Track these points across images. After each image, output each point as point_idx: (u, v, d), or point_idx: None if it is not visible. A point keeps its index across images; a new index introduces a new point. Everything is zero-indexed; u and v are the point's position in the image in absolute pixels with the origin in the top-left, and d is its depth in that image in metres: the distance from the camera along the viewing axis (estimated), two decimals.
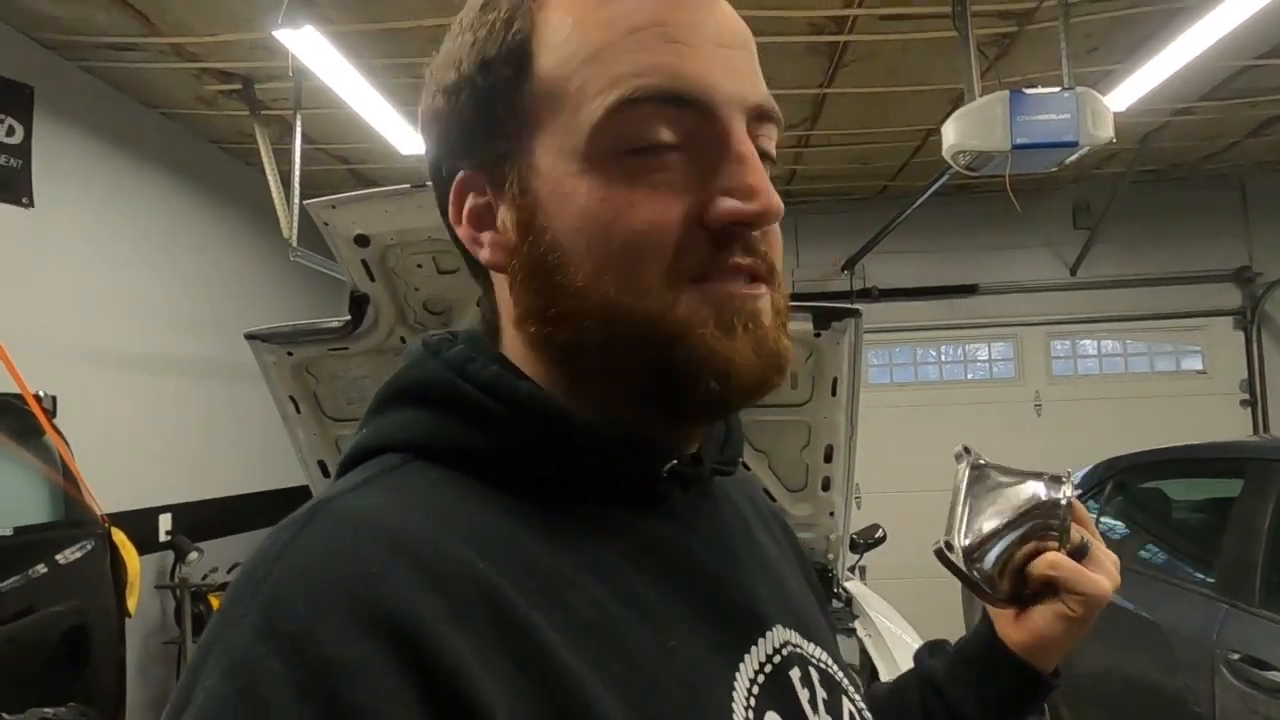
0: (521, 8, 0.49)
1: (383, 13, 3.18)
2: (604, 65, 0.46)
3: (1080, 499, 2.98)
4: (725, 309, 0.47)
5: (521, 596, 0.41)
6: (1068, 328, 5.91)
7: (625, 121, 0.45)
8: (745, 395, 0.48)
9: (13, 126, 3.33)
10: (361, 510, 0.43)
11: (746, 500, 0.69)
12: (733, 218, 0.46)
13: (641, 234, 0.46)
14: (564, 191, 0.47)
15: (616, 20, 0.47)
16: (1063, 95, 2.57)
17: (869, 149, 4.92)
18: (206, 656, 0.38)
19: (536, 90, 0.48)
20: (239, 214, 4.79)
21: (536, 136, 0.48)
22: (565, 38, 0.47)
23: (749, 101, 0.48)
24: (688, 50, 0.46)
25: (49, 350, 3.40)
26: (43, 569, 2.90)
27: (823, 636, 0.61)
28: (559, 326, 0.48)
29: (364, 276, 1.81)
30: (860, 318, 1.83)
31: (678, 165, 0.46)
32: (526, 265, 0.49)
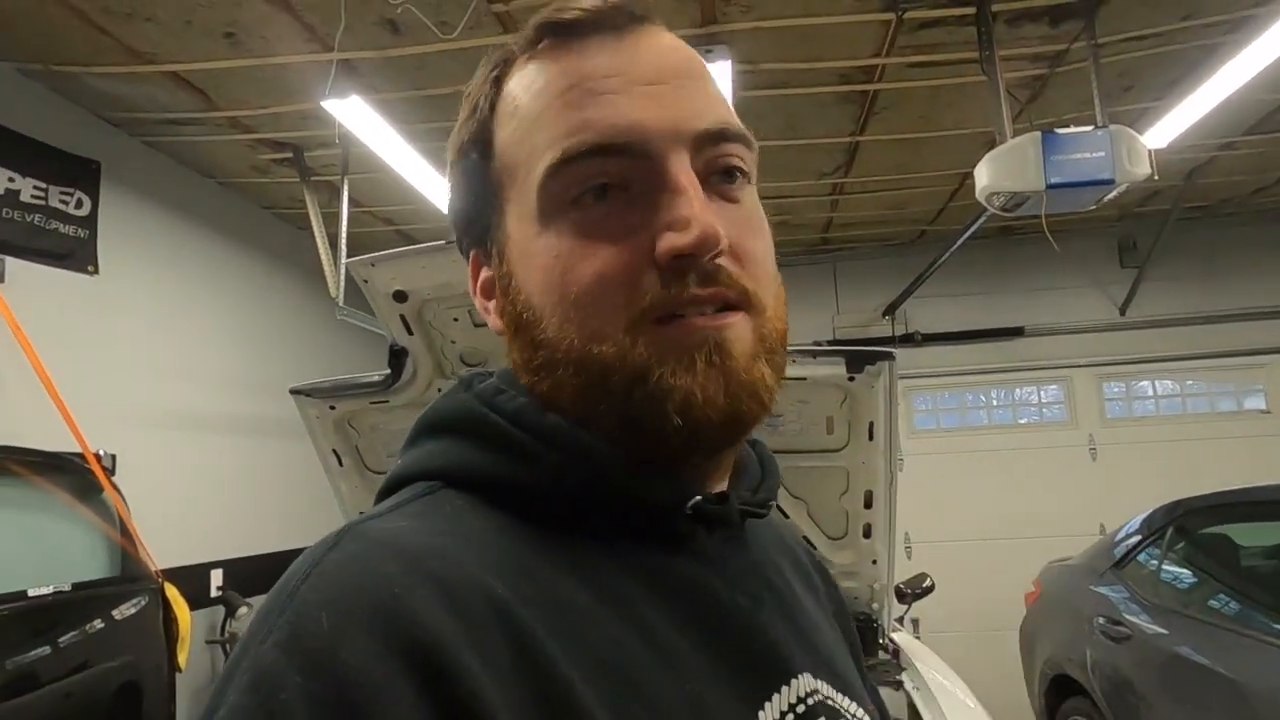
0: (484, 93, 0.54)
1: (425, 80, 3.32)
2: (541, 131, 0.49)
3: (1139, 545, 2.85)
4: (684, 344, 0.47)
5: (541, 627, 0.42)
6: (1120, 369, 5.75)
7: (563, 180, 0.48)
8: (717, 428, 0.47)
9: (81, 199, 3.53)
10: (387, 534, 0.44)
11: (785, 549, 0.68)
12: (671, 252, 0.46)
13: (592, 284, 0.47)
14: (529, 253, 0.51)
15: (547, 87, 0.50)
16: (1096, 134, 2.56)
17: (905, 194, 4.92)
18: (234, 671, 0.39)
19: (498, 165, 0.53)
20: (290, 276, 4.97)
21: (505, 207, 0.53)
22: (511, 112, 0.52)
23: (689, 130, 0.48)
24: (613, 99, 0.48)
25: (110, 410, 3.53)
26: (99, 624, 2.96)
27: (858, 692, 0.59)
28: (541, 377, 0.51)
29: (403, 331, 1.86)
30: (894, 360, 1.81)
31: (622, 210, 0.48)
32: (512, 325, 0.53)
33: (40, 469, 2.98)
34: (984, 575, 5.34)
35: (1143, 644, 3.18)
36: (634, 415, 0.47)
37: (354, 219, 4.24)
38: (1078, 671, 3.49)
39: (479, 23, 2.90)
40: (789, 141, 4.03)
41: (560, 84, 0.49)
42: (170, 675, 3.25)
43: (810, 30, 3.05)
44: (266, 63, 3.14)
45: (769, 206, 3.23)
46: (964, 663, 4.46)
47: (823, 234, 5.73)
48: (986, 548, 5.53)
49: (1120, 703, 3.20)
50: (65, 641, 2.82)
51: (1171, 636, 3.08)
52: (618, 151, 0.48)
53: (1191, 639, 2.98)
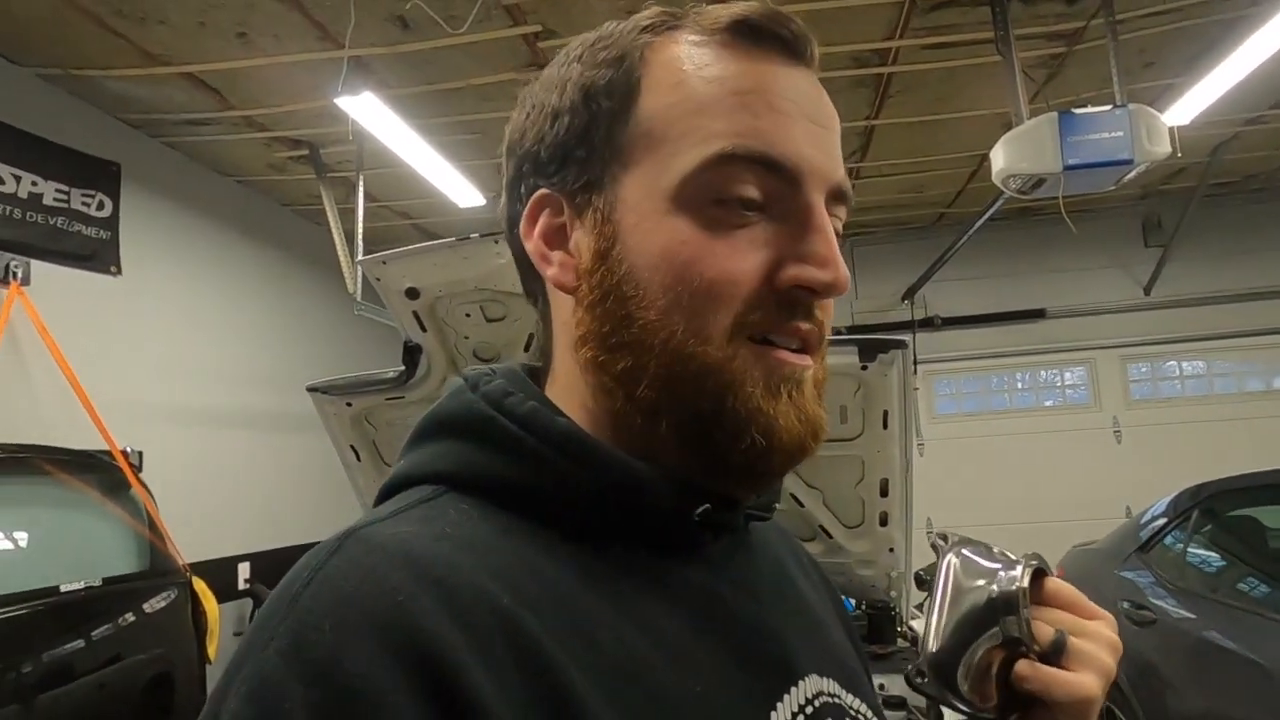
0: (634, 49, 0.51)
1: (436, 75, 3.32)
2: (707, 119, 0.48)
3: (1165, 528, 2.79)
4: (774, 373, 0.48)
5: (545, 632, 0.42)
6: (1145, 349, 5.67)
7: (718, 175, 0.48)
8: (785, 456, 0.49)
9: (102, 201, 3.59)
10: (390, 540, 0.43)
11: (787, 548, 0.68)
12: (805, 283, 0.48)
13: (716, 283, 0.47)
14: (647, 228, 0.49)
15: (725, 80, 0.49)
16: (1114, 113, 2.51)
17: (922, 177, 4.87)
18: (233, 678, 0.39)
19: (637, 128, 0.50)
20: (309, 272, 5.02)
21: (629, 171, 0.50)
22: (673, 84, 0.50)
23: (832, 180, 0.50)
24: (785, 120, 0.49)
25: (135, 408, 3.60)
26: (131, 618, 3.03)
27: (864, 689, 0.60)
28: (619, 354, 0.49)
29: (415, 327, 1.87)
30: (907, 349, 1.79)
31: (759, 224, 0.48)
32: (597, 290, 0.50)
33: (70, 467, 3.04)
34: None
35: (1168, 628, 3.15)
36: (715, 423, 0.48)
37: (371, 214, 4.27)
38: None
39: (488, 16, 2.90)
40: None
41: (740, 83, 0.49)
42: (200, 667, 3.31)
43: (821, 13, 3.02)
44: (279, 61, 3.16)
45: None
46: None
47: None
48: (1010, 532, 5.49)
49: (1145, 687, 3.17)
50: (98, 635, 2.88)
51: (1198, 621, 3.05)
52: (779, 171, 0.48)
53: (1218, 623, 2.94)
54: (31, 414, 3.12)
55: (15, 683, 2.55)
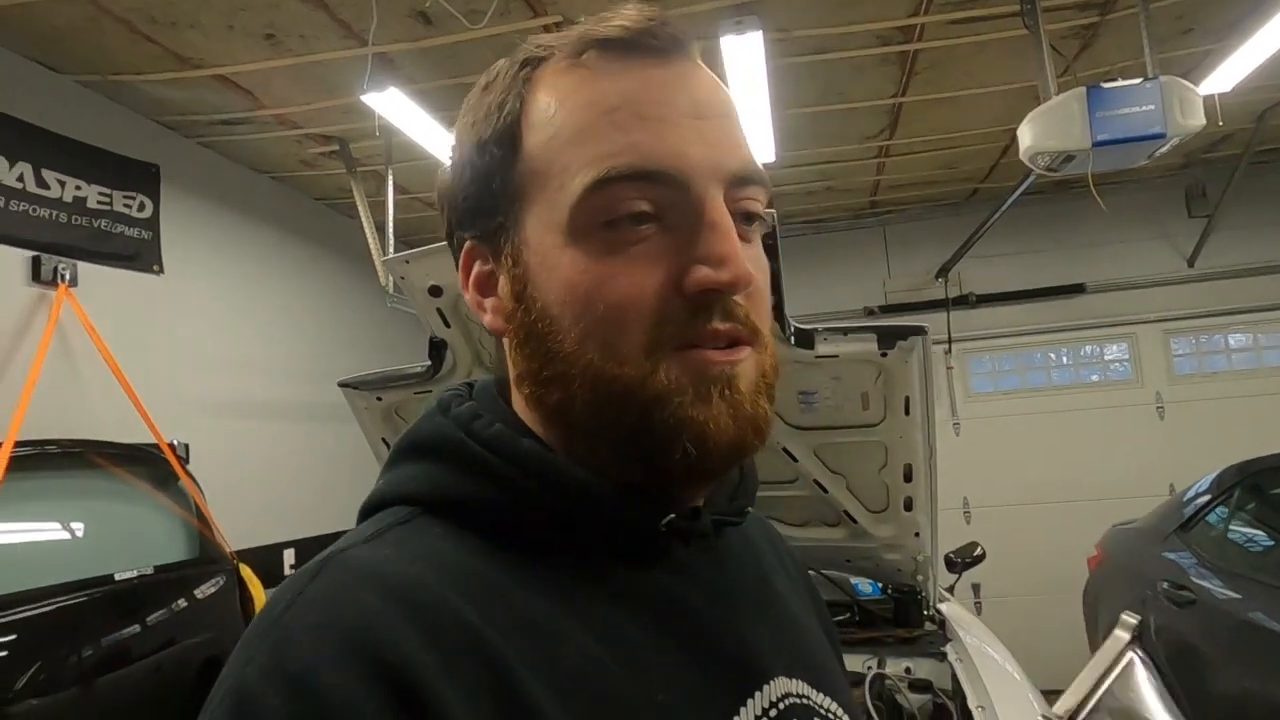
0: (513, 91, 0.52)
1: (458, 68, 3.35)
2: (582, 146, 0.49)
3: (1208, 505, 2.76)
4: (702, 377, 0.49)
5: (511, 650, 0.44)
6: (1189, 323, 5.52)
7: (602, 198, 0.48)
8: (723, 458, 0.50)
9: (144, 202, 3.69)
10: (366, 564, 0.46)
11: (767, 544, 0.70)
12: (704, 285, 0.48)
13: (620, 305, 0.48)
14: (550, 264, 0.50)
15: (595, 102, 0.50)
16: (1145, 86, 2.45)
17: (954, 153, 4.78)
18: (218, 692, 0.42)
19: (525, 168, 0.51)
20: (344, 265, 5.11)
21: (526, 211, 0.51)
22: (549, 119, 0.51)
23: (725, 169, 0.50)
24: (660, 126, 0.49)
25: (181, 402, 3.72)
26: (183, 603, 3.15)
27: (836, 686, 0.61)
28: (550, 389, 0.51)
29: (440, 324, 1.91)
30: (927, 335, 1.78)
31: (654, 237, 0.49)
32: (521, 331, 0.52)
33: (120, 460, 3.16)
34: (1046, 540, 5.24)
35: (1209, 608, 3.10)
36: (647, 438, 0.49)
37: (402, 205, 4.33)
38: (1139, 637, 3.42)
39: (508, 9, 2.91)
40: (829, 107, 3.95)
41: (607, 102, 0.49)
42: None
43: None
44: (306, 61, 3.22)
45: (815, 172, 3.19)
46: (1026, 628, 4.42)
47: (870, 197, 5.62)
48: (1049, 511, 5.42)
49: (1184, 668, 3.13)
50: (153, 620, 3.00)
51: (1240, 601, 2.99)
52: (661, 180, 0.48)
53: (1262, 603, 2.89)
54: (82, 410, 3.25)
55: (77, 666, 2.67)
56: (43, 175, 3.23)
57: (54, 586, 2.68)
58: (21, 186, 3.15)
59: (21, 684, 2.50)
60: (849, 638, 2.24)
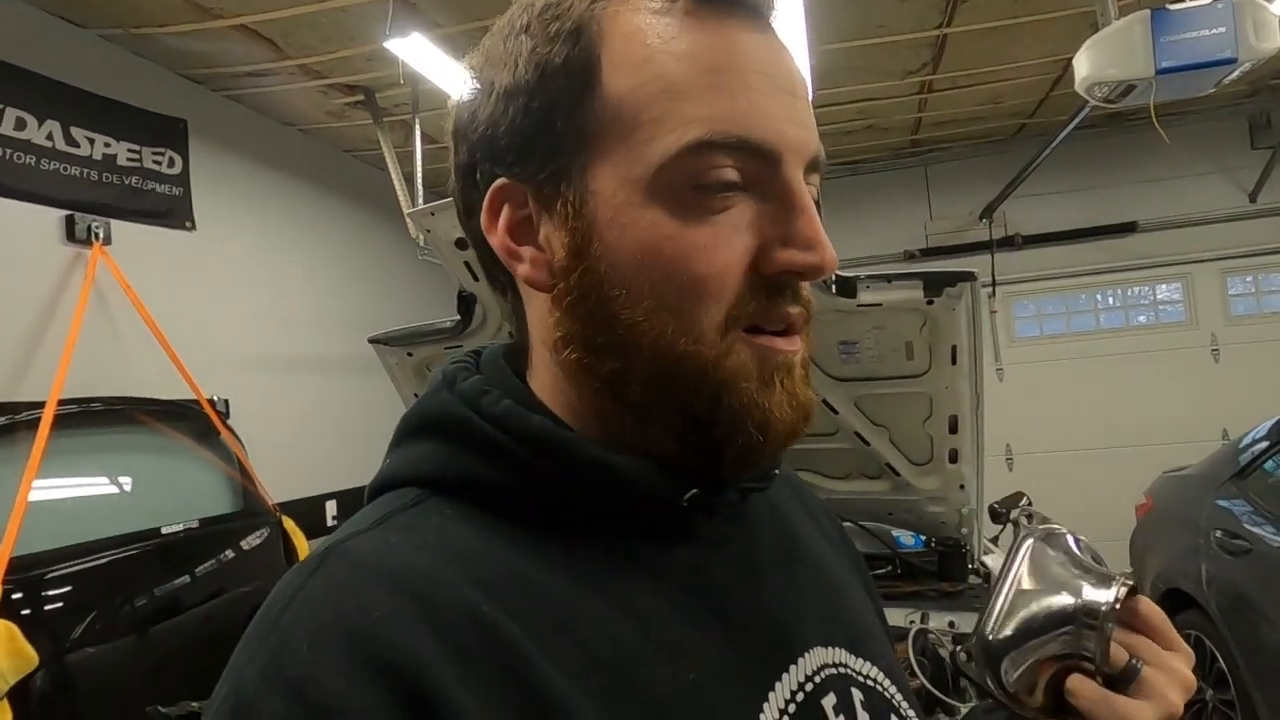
0: (590, 19, 0.47)
1: (484, 10, 3.25)
2: (682, 100, 0.45)
3: (1267, 452, 2.63)
4: (767, 363, 0.47)
5: (530, 637, 0.41)
6: (1248, 261, 5.28)
7: (697, 161, 0.45)
8: (779, 444, 0.49)
9: (173, 158, 3.68)
10: (370, 555, 0.43)
11: (799, 506, 0.65)
12: (793, 267, 0.46)
13: (706, 278, 0.45)
14: (625, 221, 0.46)
15: (694, 56, 0.46)
16: (1215, 6, 2.27)
17: (1000, 87, 4.56)
18: (218, 697, 0.40)
19: (603, 110, 0.46)
20: (374, 217, 5.09)
21: (598, 158, 0.46)
22: (639, 61, 0.46)
23: (808, 152, 0.48)
24: (760, 98, 0.46)
25: (219, 358, 3.76)
26: (230, 554, 3.23)
27: (875, 648, 0.58)
28: (604, 357, 0.47)
29: (468, 277, 1.87)
30: (976, 280, 1.70)
31: (741, 209, 0.46)
32: (576, 291, 0.47)
33: (162, 417, 3.22)
34: (1092, 487, 5.13)
35: (1265, 557, 3.01)
36: (713, 422, 0.47)
37: (431, 155, 4.27)
38: (1191, 585, 3.35)
39: None
40: (870, 41, 3.77)
41: (710, 58, 0.46)
42: None
43: None
44: (327, 7, 3.14)
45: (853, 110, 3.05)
46: None
47: (912, 135, 5.42)
48: (1095, 458, 5.30)
49: (1237, 618, 3.06)
50: (200, 571, 3.09)
51: None
52: (760, 154, 0.46)
53: None
54: (122, 368, 3.29)
55: (130, 616, 2.76)
56: (71, 133, 3.22)
57: (103, 540, 2.76)
58: (51, 145, 3.15)
59: (78, 634, 2.59)
60: (891, 591, 2.20)
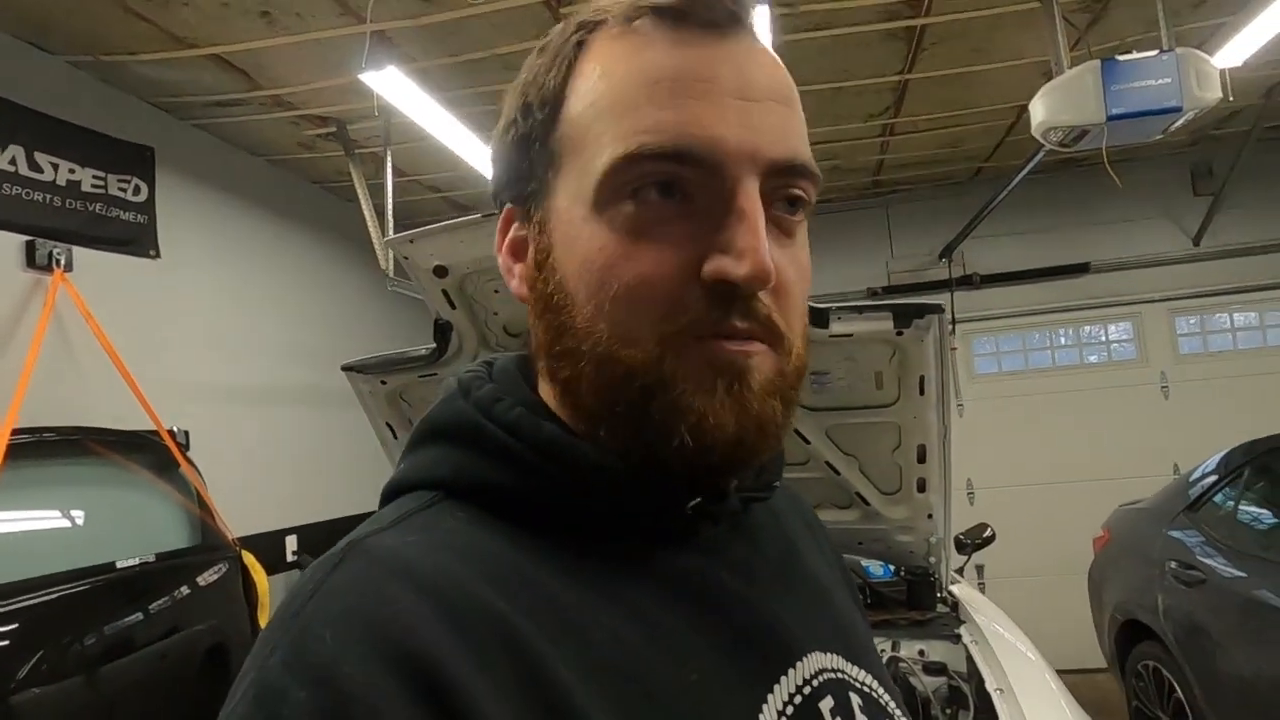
0: (563, 54, 0.51)
1: (459, 46, 3.29)
2: (617, 117, 0.47)
3: (1215, 485, 2.78)
4: (710, 366, 0.47)
5: (541, 636, 0.43)
6: (1194, 302, 5.49)
7: (629, 175, 0.46)
8: (721, 453, 0.47)
9: (139, 185, 3.64)
10: (389, 552, 0.45)
11: (797, 516, 0.68)
12: (719, 276, 0.46)
13: (635, 287, 0.46)
14: (572, 235, 0.49)
15: (637, 73, 0.48)
16: (1161, 58, 2.40)
17: (959, 131, 4.72)
18: (240, 685, 0.40)
19: (562, 135, 0.50)
20: (343, 249, 5.06)
21: (559, 179, 0.50)
22: (591, 86, 0.49)
23: (766, 156, 0.47)
24: (700, 105, 0.46)
25: (180, 388, 3.68)
26: (185, 591, 3.13)
27: (871, 659, 0.61)
28: (561, 363, 0.50)
29: (445, 305, 1.87)
30: (943, 314, 1.75)
31: (679, 219, 0.47)
32: (540, 301, 0.51)
33: (120, 447, 3.13)
34: (1051, 521, 5.23)
35: (1218, 588, 3.09)
36: (646, 424, 0.48)
37: (402, 188, 4.28)
38: (1148, 617, 3.42)
39: None
40: (835, 84, 3.89)
41: (650, 74, 0.47)
42: (253, 637, 3.41)
43: None
44: (303, 39, 3.15)
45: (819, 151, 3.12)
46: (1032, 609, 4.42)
47: (874, 177, 5.57)
48: (1053, 492, 5.41)
49: (1194, 648, 3.13)
50: (155, 608, 2.98)
51: (1249, 580, 2.99)
52: (691, 162, 0.46)
53: (1270, 582, 2.88)
54: (80, 397, 3.21)
55: (79, 655, 2.65)
56: (35, 158, 3.17)
57: (55, 575, 2.66)
58: (14, 170, 3.09)
59: (24, 673, 2.48)
60: None
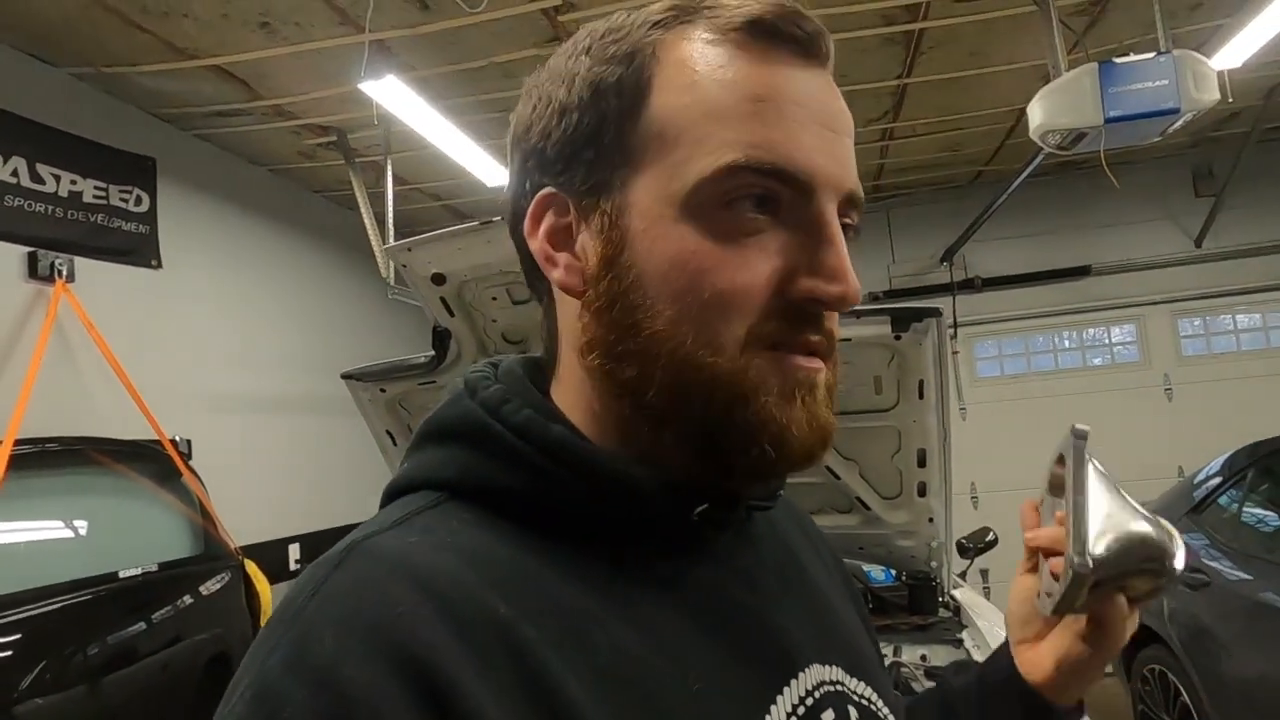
0: (646, 45, 0.50)
1: (458, 55, 3.30)
2: (722, 125, 0.47)
3: (1219, 487, 2.77)
4: (789, 379, 0.48)
5: (543, 641, 0.42)
6: (1196, 304, 5.48)
7: (729, 184, 0.47)
8: (793, 463, 0.49)
9: (140, 196, 3.65)
10: (392, 551, 0.44)
11: (798, 530, 0.68)
12: (815, 295, 0.48)
13: (728, 294, 0.47)
14: (656, 234, 0.48)
15: (738, 84, 0.48)
16: (1158, 60, 2.40)
17: (958, 135, 4.73)
18: (238, 685, 0.40)
19: (648, 129, 0.49)
20: (343, 257, 5.07)
21: (638, 174, 0.49)
22: (686, 86, 0.49)
23: (844, 188, 0.50)
24: (798, 129, 0.48)
25: (182, 398, 3.69)
26: (188, 600, 3.13)
27: (871, 671, 0.60)
28: (625, 363, 0.49)
29: (444, 312, 1.88)
30: (941, 317, 1.75)
31: (771, 234, 0.48)
32: (604, 297, 0.49)
33: (122, 457, 3.13)
34: None
35: (1223, 590, 3.08)
36: (726, 433, 0.48)
37: (402, 196, 4.29)
38: (1154, 620, 3.40)
39: None
40: None
41: (754, 88, 0.48)
42: None
43: None
44: (302, 49, 3.17)
45: None
46: None
47: (874, 181, 5.57)
48: None
49: (1199, 651, 3.11)
50: (158, 618, 2.98)
51: (1254, 582, 2.97)
52: (791, 182, 0.48)
53: (1275, 584, 2.86)
54: (83, 407, 3.22)
55: (82, 665, 2.65)
56: (38, 170, 3.19)
57: (57, 585, 2.66)
58: (16, 181, 3.11)
59: (27, 684, 2.48)
60: None
